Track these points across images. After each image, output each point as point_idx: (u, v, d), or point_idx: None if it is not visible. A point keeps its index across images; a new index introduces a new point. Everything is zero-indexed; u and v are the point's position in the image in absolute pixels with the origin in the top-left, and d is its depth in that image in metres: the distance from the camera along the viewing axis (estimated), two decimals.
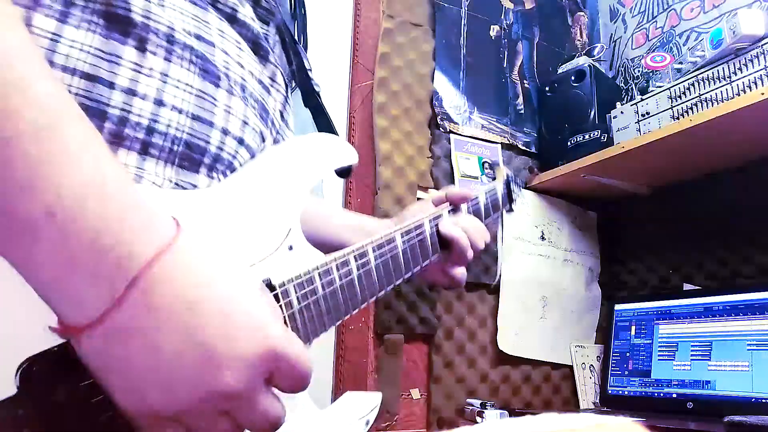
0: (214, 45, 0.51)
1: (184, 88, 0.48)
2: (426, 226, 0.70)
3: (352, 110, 1.41)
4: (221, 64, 0.51)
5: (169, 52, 0.47)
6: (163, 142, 0.46)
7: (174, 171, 0.47)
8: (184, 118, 0.47)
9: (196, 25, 0.50)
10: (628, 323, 1.51)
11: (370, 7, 1.48)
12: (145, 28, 0.45)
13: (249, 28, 0.56)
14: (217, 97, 0.50)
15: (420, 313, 1.37)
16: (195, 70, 0.49)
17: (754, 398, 1.18)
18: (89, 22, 0.43)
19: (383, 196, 1.37)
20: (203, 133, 0.49)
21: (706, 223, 1.47)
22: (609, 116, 1.46)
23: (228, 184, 0.50)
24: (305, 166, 0.56)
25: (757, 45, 1.13)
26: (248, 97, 0.54)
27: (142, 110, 0.45)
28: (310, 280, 0.49)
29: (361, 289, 0.57)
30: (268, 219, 0.51)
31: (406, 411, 1.34)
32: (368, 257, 0.58)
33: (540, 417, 0.36)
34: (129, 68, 0.44)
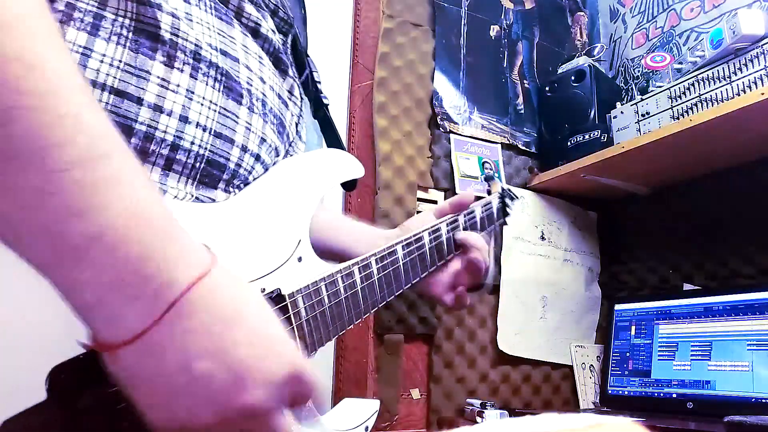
0: (239, 61, 0.52)
1: (208, 106, 0.48)
2: (426, 239, 0.72)
3: (352, 110, 1.41)
4: (244, 81, 0.52)
5: (195, 69, 0.48)
6: (186, 158, 0.47)
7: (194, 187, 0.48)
8: (207, 136, 0.48)
9: (222, 40, 0.51)
10: (628, 323, 1.51)
11: (370, 7, 1.48)
12: (173, 44, 0.46)
13: (270, 42, 0.57)
14: (239, 114, 0.51)
15: (420, 313, 1.37)
16: (219, 87, 0.49)
17: (754, 398, 1.18)
18: (119, 36, 0.44)
19: (383, 196, 1.37)
20: (224, 150, 0.50)
21: (706, 223, 1.47)
22: (609, 116, 1.46)
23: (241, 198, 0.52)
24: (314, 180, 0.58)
25: (757, 45, 1.13)
26: (268, 113, 0.55)
27: (168, 127, 0.46)
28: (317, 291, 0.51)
29: (364, 300, 0.59)
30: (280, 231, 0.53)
31: (406, 411, 1.34)
32: (372, 269, 0.60)
33: (540, 417, 0.36)
34: (156, 84, 0.45)
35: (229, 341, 0.34)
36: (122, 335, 0.32)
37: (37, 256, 0.30)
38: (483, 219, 0.86)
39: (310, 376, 0.38)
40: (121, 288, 0.31)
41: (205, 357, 0.33)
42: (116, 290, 0.31)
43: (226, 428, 0.34)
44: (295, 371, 0.37)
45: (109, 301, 0.31)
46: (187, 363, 0.33)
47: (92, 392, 0.35)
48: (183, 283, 0.33)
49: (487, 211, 0.87)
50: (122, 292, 0.31)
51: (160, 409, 0.33)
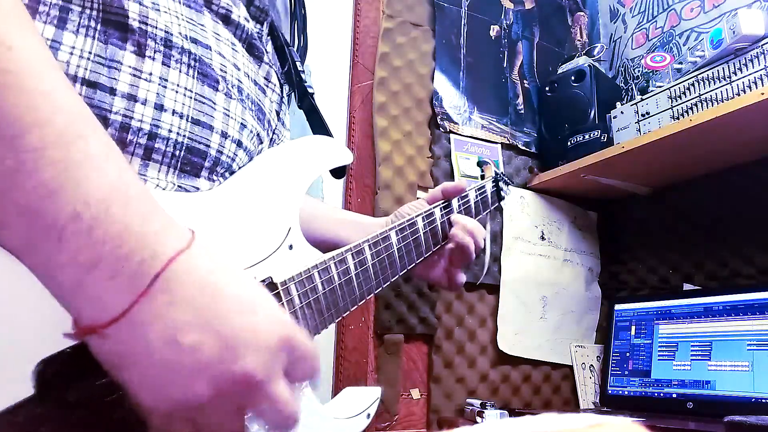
0: (210, 48, 0.51)
1: (183, 93, 0.48)
2: (419, 224, 0.71)
3: (352, 110, 1.41)
4: (218, 67, 0.51)
5: (167, 57, 0.47)
6: (165, 147, 0.46)
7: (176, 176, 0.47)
8: (184, 123, 0.48)
9: (192, 28, 0.50)
10: (628, 323, 1.51)
11: (370, 7, 1.48)
12: (142, 33, 0.46)
13: (243, 28, 0.56)
14: (216, 100, 0.51)
15: (420, 313, 1.37)
16: (193, 74, 0.49)
17: (754, 398, 1.18)
18: (87, 28, 0.43)
19: (383, 196, 1.37)
20: (203, 137, 0.49)
21: (706, 223, 1.47)
22: (609, 116, 1.46)
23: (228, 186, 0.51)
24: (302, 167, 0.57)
25: (757, 45, 1.13)
26: (245, 99, 0.55)
27: (144, 116, 0.45)
28: (310, 278, 0.50)
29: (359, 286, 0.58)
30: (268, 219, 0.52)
31: (406, 411, 1.34)
32: (365, 255, 0.59)
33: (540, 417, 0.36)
34: (128, 74, 0.45)
35: (216, 311, 0.33)
36: (105, 315, 0.31)
37: (13, 239, 0.30)
38: (477, 203, 0.85)
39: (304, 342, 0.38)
40: (101, 267, 0.30)
41: (191, 329, 0.32)
42: (95, 270, 0.30)
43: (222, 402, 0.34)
44: (287, 337, 0.36)
45: (89, 282, 0.30)
46: (174, 337, 0.32)
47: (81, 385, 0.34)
48: (164, 257, 0.32)
49: (482, 195, 0.87)
50: (102, 272, 0.30)
51: (153, 389, 0.33)
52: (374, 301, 1.33)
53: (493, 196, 0.91)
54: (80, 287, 0.31)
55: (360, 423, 0.58)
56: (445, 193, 0.79)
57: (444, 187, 0.79)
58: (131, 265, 0.31)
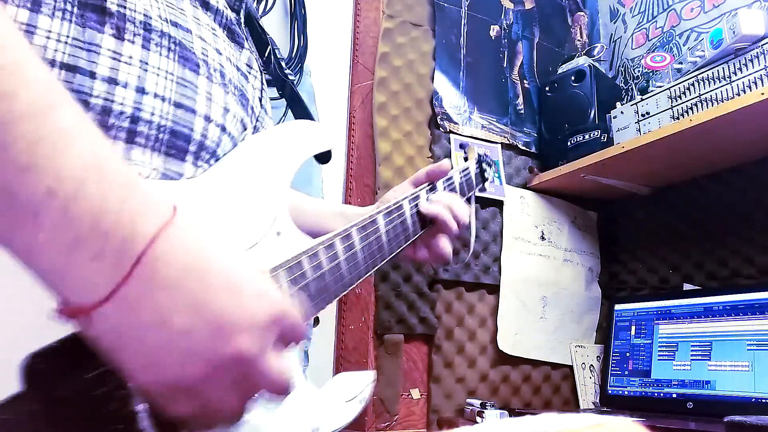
0: (191, 32, 0.51)
1: (164, 76, 0.47)
2: (405, 206, 0.71)
3: (352, 110, 1.41)
4: (199, 51, 0.51)
5: (146, 40, 0.46)
6: (149, 130, 0.46)
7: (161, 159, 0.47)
8: (167, 106, 0.47)
9: (172, 12, 0.50)
10: (628, 323, 1.51)
11: (370, 7, 1.48)
12: (120, 16, 0.45)
13: (222, 14, 0.56)
14: (198, 84, 0.50)
15: (420, 313, 1.37)
16: (174, 57, 0.48)
17: (754, 398, 1.18)
18: (63, 11, 0.42)
19: (383, 196, 1.36)
20: (187, 120, 0.49)
21: (706, 223, 1.47)
22: (609, 116, 1.46)
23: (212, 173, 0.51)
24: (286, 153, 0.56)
25: (757, 45, 1.13)
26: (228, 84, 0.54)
27: (125, 99, 0.44)
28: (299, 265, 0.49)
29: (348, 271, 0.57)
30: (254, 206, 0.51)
31: (406, 411, 1.34)
32: (353, 239, 0.59)
33: (540, 417, 0.36)
34: (108, 57, 0.44)
35: (204, 291, 0.33)
36: (92, 297, 0.30)
37: None
38: (462, 185, 0.85)
39: (295, 314, 0.38)
40: (81, 247, 0.29)
41: (181, 311, 0.32)
42: (76, 250, 0.29)
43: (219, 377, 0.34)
44: (278, 311, 0.36)
45: (71, 263, 0.30)
46: (164, 319, 0.31)
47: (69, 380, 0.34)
48: (146, 236, 0.31)
49: (466, 176, 0.87)
50: (83, 252, 0.29)
51: (148, 370, 0.33)
52: (374, 301, 1.33)
53: (477, 177, 0.91)
54: (63, 269, 0.30)
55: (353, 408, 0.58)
56: (429, 175, 0.79)
57: (428, 169, 0.79)
58: (113, 244, 0.30)
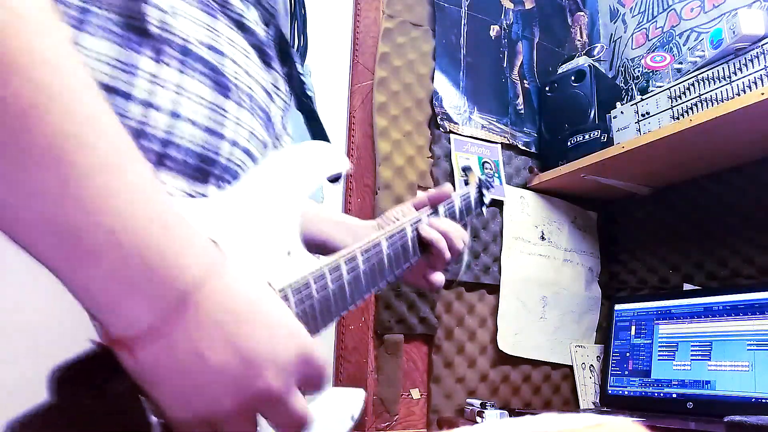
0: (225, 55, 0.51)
1: (197, 101, 0.48)
2: (407, 230, 0.72)
3: (352, 110, 1.41)
4: (231, 75, 0.51)
5: (183, 64, 0.47)
6: (178, 154, 0.46)
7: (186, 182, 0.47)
8: (198, 131, 0.48)
9: (208, 34, 0.50)
10: (628, 323, 1.51)
11: (370, 7, 1.48)
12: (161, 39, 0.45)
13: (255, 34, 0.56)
14: (227, 108, 0.51)
15: (420, 313, 1.37)
16: (207, 82, 0.49)
17: (754, 398, 1.18)
18: (105, 30, 0.43)
19: (383, 196, 1.37)
20: (214, 145, 0.49)
21: (706, 223, 1.47)
22: (609, 116, 1.46)
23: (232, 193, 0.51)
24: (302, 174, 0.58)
25: (757, 45, 1.13)
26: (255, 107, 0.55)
27: (159, 122, 0.45)
28: (306, 285, 0.51)
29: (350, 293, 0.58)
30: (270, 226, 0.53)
31: (406, 411, 1.34)
32: (357, 261, 0.60)
33: (540, 417, 0.36)
34: (146, 79, 0.44)
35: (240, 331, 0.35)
36: (135, 332, 0.32)
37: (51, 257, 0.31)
38: (462, 209, 0.87)
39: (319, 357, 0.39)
40: (135, 288, 0.31)
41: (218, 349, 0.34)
42: (129, 290, 0.31)
43: (244, 413, 0.35)
44: (305, 354, 0.38)
45: (123, 301, 0.31)
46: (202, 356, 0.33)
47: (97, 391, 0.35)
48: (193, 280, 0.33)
49: (465, 201, 0.89)
50: (135, 292, 0.31)
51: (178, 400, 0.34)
52: (374, 301, 1.33)
53: (476, 201, 0.93)
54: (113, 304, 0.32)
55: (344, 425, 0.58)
56: (431, 199, 0.80)
57: (429, 194, 0.81)
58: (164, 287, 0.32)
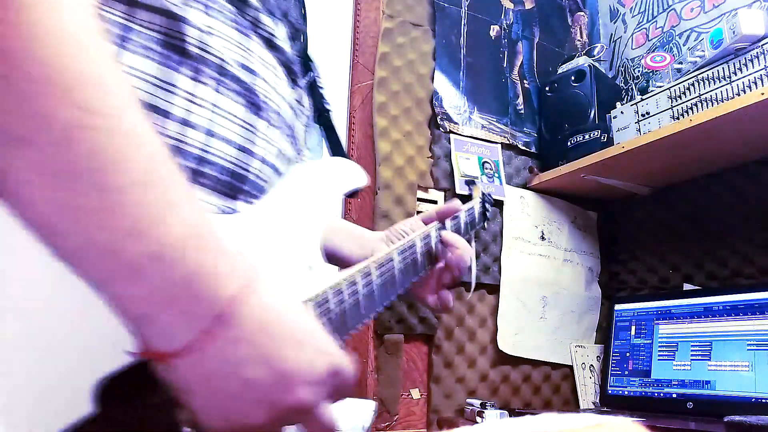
0: (257, 74, 0.52)
1: (231, 119, 0.49)
2: (417, 245, 0.73)
3: (352, 110, 1.41)
4: (262, 94, 0.53)
5: (219, 83, 0.48)
6: (211, 171, 0.47)
7: (218, 198, 0.49)
8: (231, 149, 0.49)
9: (242, 54, 0.51)
10: (628, 323, 1.51)
11: (370, 7, 1.48)
12: (199, 59, 0.46)
13: (284, 52, 0.58)
14: (258, 127, 0.52)
15: (420, 313, 1.37)
16: (241, 101, 0.50)
17: (754, 398, 1.18)
18: (146, 48, 0.44)
19: (383, 196, 1.37)
20: (246, 163, 0.51)
21: (706, 223, 1.47)
22: (609, 116, 1.46)
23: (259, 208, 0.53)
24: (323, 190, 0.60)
25: (757, 45, 1.13)
26: (282, 125, 0.56)
27: (195, 140, 0.46)
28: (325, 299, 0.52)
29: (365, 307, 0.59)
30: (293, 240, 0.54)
31: (406, 411, 1.34)
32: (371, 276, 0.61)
33: (540, 417, 0.36)
34: (183, 98, 0.45)
35: (274, 346, 0.36)
36: (173, 346, 0.33)
37: (92, 273, 0.31)
38: (467, 223, 0.88)
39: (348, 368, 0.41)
40: (174, 303, 0.32)
41: (253, 363, 0.35)
42: (169, 306, 0.32)
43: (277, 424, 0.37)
44: (335, 367, 0.39)
45: (162, 316, 0.32)
46: (237, 369, 0.34)
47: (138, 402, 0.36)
48: (230, 296, 0.34)
49: (470, 216, 0.90)
50: (175, 308, 0.32)
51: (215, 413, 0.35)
52: None
53: (480, 216, 0.94)
54: (150, 319, 0.32)
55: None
56: (439, 214, 0.82)
57: (438, 209, 0.82)
58: (201, 302, 0.33)
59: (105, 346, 0.35)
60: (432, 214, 0.82)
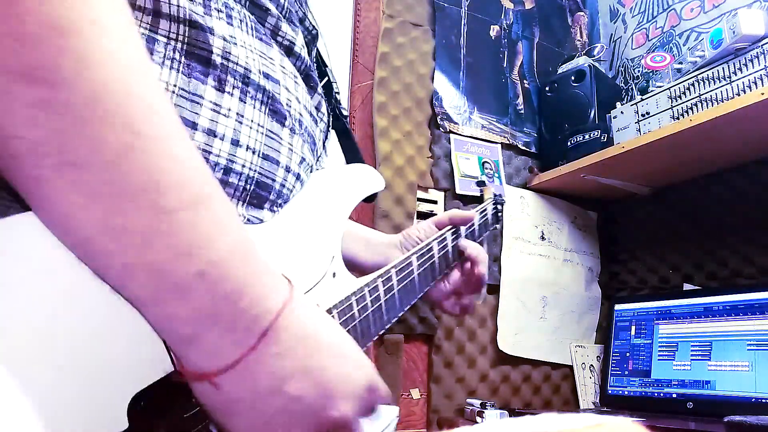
0: (279, 83, 0.52)
1: (256, 129, 0.49)
2: (435, 248, 0.73)
3: (352, 110, 1.41)
4: (285, 102, 0.52)
5: (243, 93, 0.48)
6: (238, 181, 0.47)
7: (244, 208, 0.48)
8: (256, 158, 0.49)
9: (264, 62, 0.51)
10: (628, 323, 1.51)
11: (370, 7, 1.48)
12: (224, 68, 0.46)
13: (303, 60, 0.58)
14: (282, 136, 0.52)
15: (420, 313, 1.37)
16: (265, 110, 0.50)
17: (755, 398, 1.18)
18: (172, 60, 0.43)
19: (383, 196, 1.36)
20: (271, 172, 0.50)
21: (706, 223, 1.47)
22: (609, 116, 1.46)
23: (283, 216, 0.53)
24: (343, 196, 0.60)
25: (757, 45, 1.13)
26: (304, 133, 0.56)
27: (221, 150, 0.46)
28: (349, 307, 0.52)
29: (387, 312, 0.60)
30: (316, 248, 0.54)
31: (406, 411, 1.34)
32: (392, 281, 0.62)
33: (540, 417, 0.36)
34: (209, 108, 0.45)
35: (315, 361, 0.36)
36: (216, 364, 0.33)
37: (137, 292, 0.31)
38: (480, 226, 0.87)
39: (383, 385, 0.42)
40: (218, 322, 0.32)
41: (295, 378, 0.35)
42: (213, 324, 0.32)
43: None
44: (372, 383, 0.40)
45: (206, 334, 0.32)
46: (280, 385, 0.34)
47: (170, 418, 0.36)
48: (272, 312, 0.34)
49: (483, 218, 0.89)
50: (219, 326, 0.32)
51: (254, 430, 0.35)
52: None
53: (493, 218, 0.93)
54: (197, 339, 0.32)
55: None
56: (453, 220, 0.80)
57: (452, 215, 0.81)
58: (246, 320, 0.33)
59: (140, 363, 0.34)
60: (445, 220, 0.80)
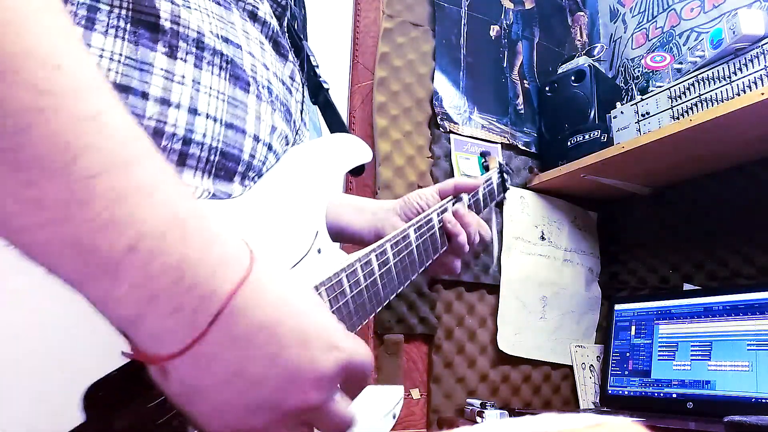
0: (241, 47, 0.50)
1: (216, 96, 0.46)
2: (435, 220, 0.70)
3: (352, 110, 1.41)
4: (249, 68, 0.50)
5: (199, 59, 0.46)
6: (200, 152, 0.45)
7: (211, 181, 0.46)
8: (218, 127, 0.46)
9: (222, 26, 0.48)
10: (628, 323, 1.51)
11: (370, 7, 1.48)
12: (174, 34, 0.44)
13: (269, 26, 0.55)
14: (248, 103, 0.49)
15: (420, 313, 1.37)
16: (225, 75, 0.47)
17: (755, 398, 1.18)
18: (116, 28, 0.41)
19: (383, 196, 1.36)
20: (237, 141, 0.48)
21: (706, 223, 1.47)
22: (609, 116, 1.46)
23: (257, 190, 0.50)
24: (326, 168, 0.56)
25: (757, 45, 1.13)
26: (275, 101, 0.54)
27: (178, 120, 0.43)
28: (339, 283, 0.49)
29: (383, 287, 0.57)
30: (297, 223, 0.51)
31: (406, 411, 1.34)
32: (388, 255, 0.59)
33: (540, 417, 0.36)
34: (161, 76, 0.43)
35: (277, 344, 0.33)
36: (167, 348, 0.30)
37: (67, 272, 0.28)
38: (485, 195, 0.84)
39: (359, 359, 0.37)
40: (160, 301, 0.29)
41: (255, 363, 0.32)
42: (155, 304, 0.29)
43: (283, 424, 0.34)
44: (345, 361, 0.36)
45: (149, 316, 0.29)
46: (239, 370, 0.32)
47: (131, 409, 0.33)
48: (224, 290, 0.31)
49: (488, 187, 0.86)
50: (162, 306, 0.29)
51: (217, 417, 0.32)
52: None
53: (499, 187, 0.90)
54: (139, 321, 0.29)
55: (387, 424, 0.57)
56: (457, 188, 0.77)
57: (457, 183, 0.77)
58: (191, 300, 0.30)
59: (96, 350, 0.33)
60: (449, 187, 0.77)
